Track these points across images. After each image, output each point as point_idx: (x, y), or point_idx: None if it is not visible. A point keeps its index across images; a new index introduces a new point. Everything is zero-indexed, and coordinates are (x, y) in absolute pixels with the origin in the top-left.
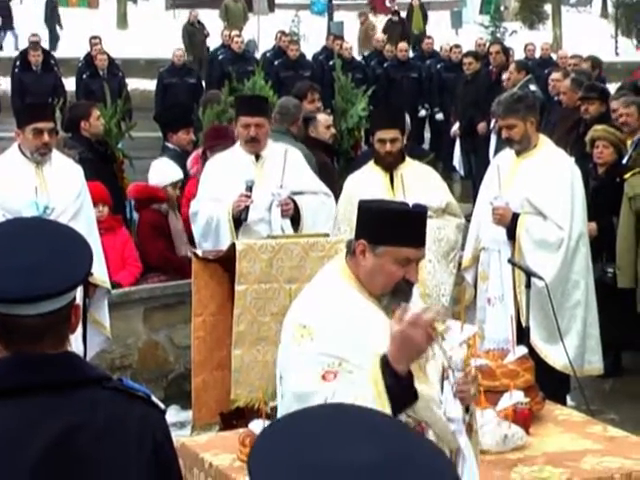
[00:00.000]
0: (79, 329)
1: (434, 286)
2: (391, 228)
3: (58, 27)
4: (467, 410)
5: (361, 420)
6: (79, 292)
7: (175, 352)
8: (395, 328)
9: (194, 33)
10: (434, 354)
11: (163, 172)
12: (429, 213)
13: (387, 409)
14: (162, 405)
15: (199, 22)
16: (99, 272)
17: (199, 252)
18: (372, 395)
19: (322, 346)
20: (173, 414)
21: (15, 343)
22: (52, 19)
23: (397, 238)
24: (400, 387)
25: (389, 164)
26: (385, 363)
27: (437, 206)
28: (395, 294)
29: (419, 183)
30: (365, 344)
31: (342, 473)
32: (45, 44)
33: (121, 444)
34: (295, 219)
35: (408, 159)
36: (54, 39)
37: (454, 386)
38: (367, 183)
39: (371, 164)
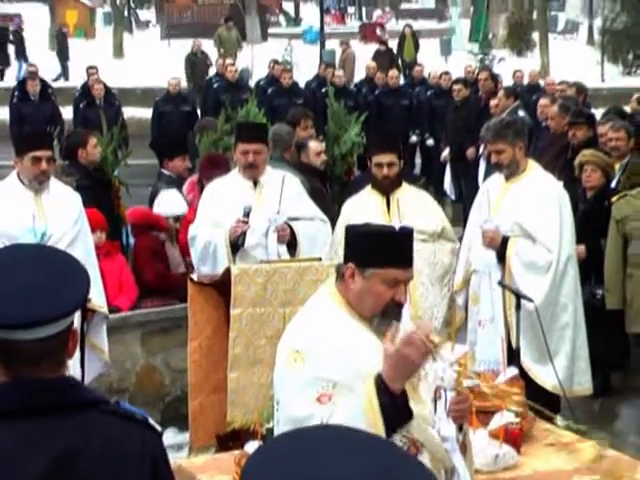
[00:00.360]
0: (77, 353)
1: (427, 308)
2: (378, 250)
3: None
4: (461, 429)
5: (348, 439)
6: (77, 317)
7: (172, 375)
8: (389, 347)
9: (196, 63)
10: (426, 374)
11: (170, 204)
12: (424, 237)
13: (381, 427)
14: (159, 428)
15: (202, 52)
16: (97, 297)
17: (194, 277)
18: (367, 414)
19: (315, 370)
20: (170, 437)
21: (14, 367)
22: (63, 50)
23: (384, 260)
24: (395, 406)
25: (386, 188)
26: (380, 382)
27: (432, 230)
28: (385, 315)
29: (415, 207)
30: (357, 367)
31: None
32: (48, 74)
33: (119, 467)
34: (292, 245)
35: (404, 184)
36: (65, 69)
37: (447, 405)
38: (364, 207)
39: (368, 188)
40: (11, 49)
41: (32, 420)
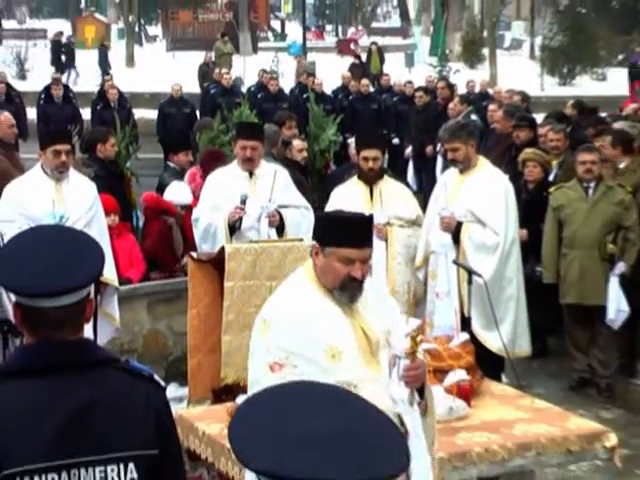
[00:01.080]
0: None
1: (401, 284)
2: (335, 232)
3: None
4: (422, 394)
5: (326, 395)
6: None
7: (174, 338)
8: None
9: (207, 72)
10: (387, 343)
11: (179, 194)
12: (401, 223)
13: None
14: (163, 383)
15: (213, 62)
16: (108, 272)
17: (194, 255)
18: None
19: (275, 339)
20: (172, 390)
21: (40, 331)
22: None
23: (339, 240)
24: None
25: (370, 179)
26: None
27: (408, 218)
28: (343, 289)
29: (394, 197)
30: (315, 337)
31: (315, 442)
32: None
33: (128, 415)
34: (280, 228)
35: (386, 176)
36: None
37: (400, 372)
38: (350, 195)
39: (355, 179)
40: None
41: (55, 375)
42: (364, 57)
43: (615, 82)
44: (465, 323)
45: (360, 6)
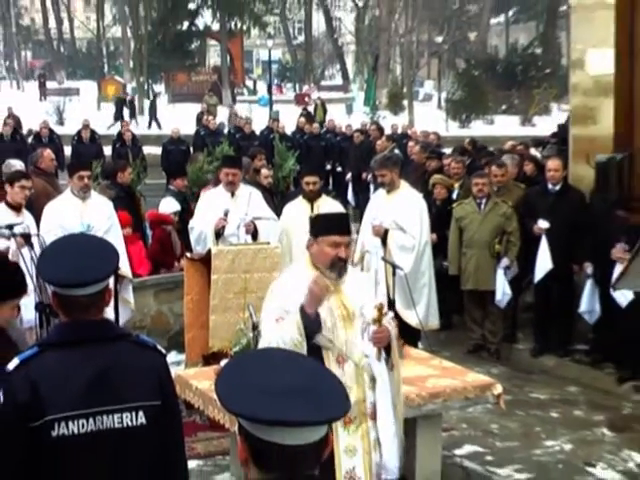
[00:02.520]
0: (112, 304)
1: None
2: (324, 225)
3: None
4: (388, 353)
5: (289, 358)
6: (111, 281)
7: (174, 317)
8: (313, 290)
9: (201, 119)
10: (362, 314)
11: (170, 206)
12: None
13: (303, 333)
14: (164, 351)
15: (201, 112)
16: (125, 268)
17: (189, 255)
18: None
19: (277, 302)
20: (172, 356)
21: (72, 313)
22: (153, 112)
23: (327, 230)
24: (310, 321)
25: (312, 198)
26: (301, 307)
27: None
28: (332, 267)
29: (330, 210)
30: (288, 302)
31: (278, 391)
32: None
33: (137, 376)
34: (254, 235)
35: (323, 195)
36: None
37: (369, 334)
38: (298, 210)
39: (300, 198)
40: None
41: (83, 347)
42: (312, 108)
43: (500, 125)
44: (391, 304)
45: (312, 69)
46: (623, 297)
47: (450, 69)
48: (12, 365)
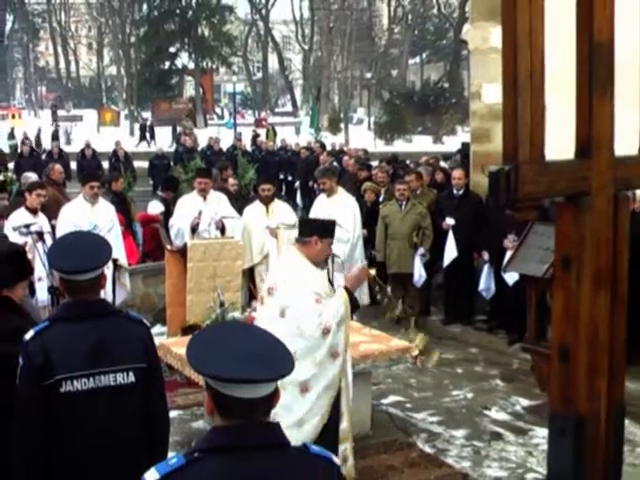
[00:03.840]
0: (109, 286)
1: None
2: (329, 230)
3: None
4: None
5: (247, 329)
6: (110, 268)
7: (158, 297)
8: (349, 275)
9: (178, 139)
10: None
11: (156, 207)
12: (286, 227)
13: (349, 310)
14: (149, 324)
15: (179, 134)
16: (122, 258)
17: (169, 247)
18: (346, 304)
19: (305, 289)
20: (157, 328)
21: (75, 294)
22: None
23: (329, 233)
24: (352, 300)
25: (266, 201)
26: (347, 289)
27: (291, 223)
28: (325, 262)
29: (282, 212)
30: (323, 287)
31: (236, 355)
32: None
33: (127, 343)
34: (222, 230)
35: (276, 199)
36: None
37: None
38: (256, 211)
39: (257, 202)
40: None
41: (84, 321)
42: (264, 132)
43: (417, 143)
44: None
45: (268, 99)
46: (511, 278)
47: (377, 99)
48: (29, 335)
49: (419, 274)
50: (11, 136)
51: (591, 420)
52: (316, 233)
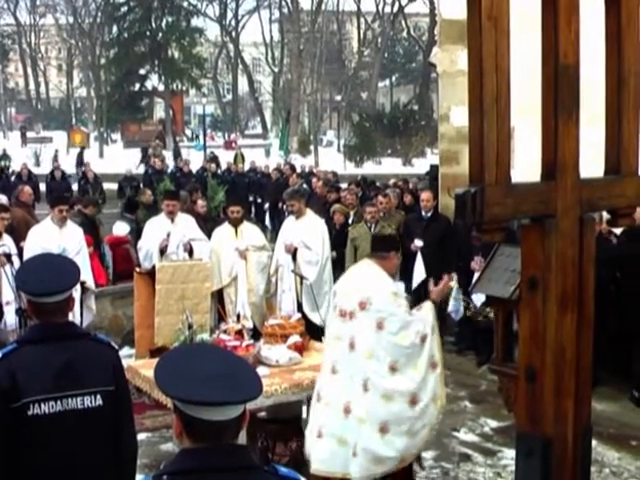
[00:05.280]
0: (77, 308)
1: (257, 284)
2: (399, 243)
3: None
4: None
5: (215, 352)
6: (78, 291)
7: (126, 319)
8: (438, 288)
9: (149, 161)
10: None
11: (122, 228)
12: (255, 248)
13: (435, 318)
14: (117, 346)
15: (148, 156)
16: (89, 281)
17: (138, 269)
18: (433, 313)
19: (397, 303)
20: (125, 351)
21: (42, 317)
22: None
23: (400, 247)
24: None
25: (235, 223)
26: (432, 302)
27: (260, 245)
28: (396, 273)
29: (251, 234)
30: (402, 299)
31: (205, 378)
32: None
33: (95, 367)
34: (190, 252)
35: (245, 221)
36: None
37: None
38: (224, 233)
39: (226, 223)
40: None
41: (52, 343)
42: (233, 155)
43: (386, 165)
44: (300, 307)
45: (238, 121)
46: (478, 299)
47: (347, 121)
48: None
49: None
50: None
51: (558, 441)
52: (393, 248)
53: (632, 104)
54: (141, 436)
